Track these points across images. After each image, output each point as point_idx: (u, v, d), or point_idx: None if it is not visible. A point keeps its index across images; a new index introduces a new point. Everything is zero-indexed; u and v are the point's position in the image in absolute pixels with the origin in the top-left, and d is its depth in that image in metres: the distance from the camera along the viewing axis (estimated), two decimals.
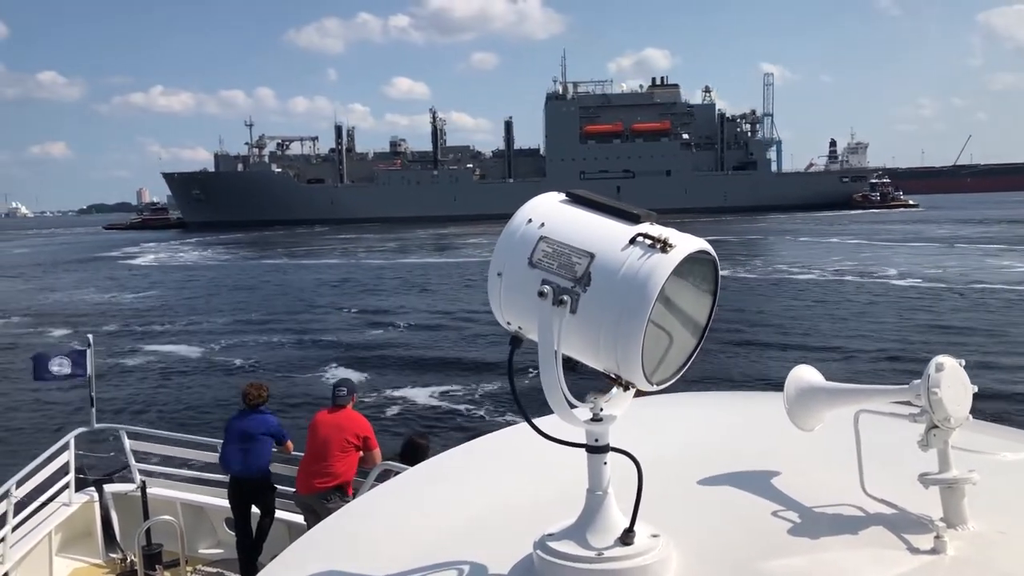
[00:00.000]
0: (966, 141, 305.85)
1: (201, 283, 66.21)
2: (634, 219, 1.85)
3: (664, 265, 1.75)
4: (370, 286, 58.61)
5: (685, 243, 1.80)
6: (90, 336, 12.26)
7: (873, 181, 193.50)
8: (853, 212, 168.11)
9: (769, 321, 37.81)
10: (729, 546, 2.04)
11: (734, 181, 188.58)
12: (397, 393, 27.13)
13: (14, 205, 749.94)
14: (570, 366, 1.88)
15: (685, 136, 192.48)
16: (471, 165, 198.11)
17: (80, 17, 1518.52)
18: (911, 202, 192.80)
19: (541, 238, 1.87)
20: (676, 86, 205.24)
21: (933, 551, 1.88)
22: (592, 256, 1.80)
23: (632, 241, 1.79)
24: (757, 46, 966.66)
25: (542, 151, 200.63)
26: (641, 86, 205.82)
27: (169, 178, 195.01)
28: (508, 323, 1.97)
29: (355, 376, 27.94)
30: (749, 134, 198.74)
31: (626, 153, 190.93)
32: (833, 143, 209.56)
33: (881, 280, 52.59)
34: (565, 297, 1.80)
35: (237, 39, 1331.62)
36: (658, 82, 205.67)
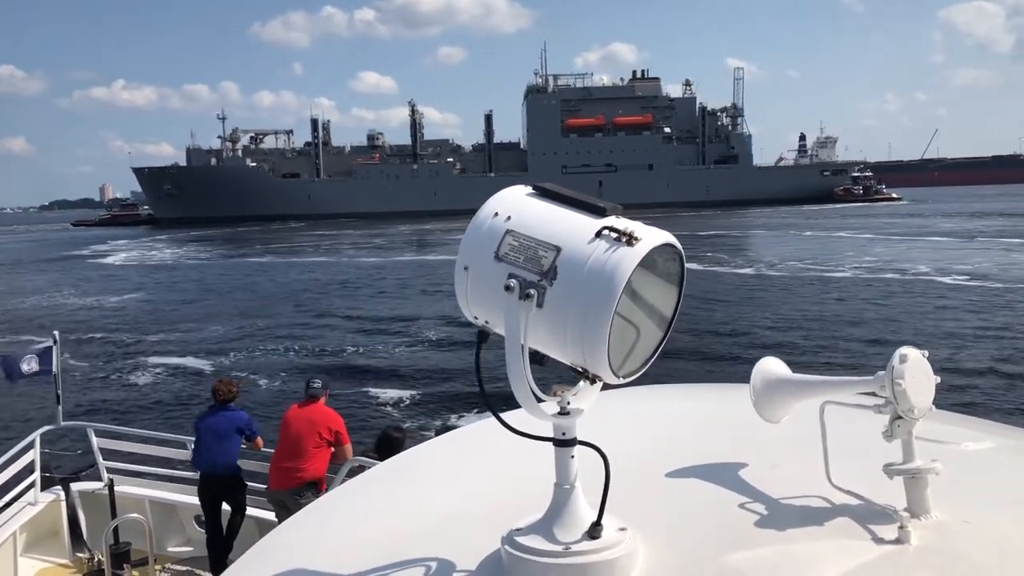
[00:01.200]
0: (933, 135, 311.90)
1: (183, 284, 63.50)
2: (600, 212, 1.86)
3: (630, 258, 1.76)
4: (358, 285, 57.91)
5: (651, 236, 1.81)
6: (56, 333, 12.22)
7: (855, 175, 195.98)
8: (837, 206, 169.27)
9: (839, 332, 33.76)
10: (696, 538, 2.06)
11: (716, 175, 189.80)
12: (372, 389, 27.34)
13: None
14: (537, 360, 1.89)
15: (667, 130, 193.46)
16: (451, 159, 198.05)
17: (39, 10, 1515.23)
18: (894, 195, 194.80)
19: (508, 231, 1.88)
20: (657, 79, 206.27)
21: (897, 541, 1.91)
22: (558, 249, 1.81)
23: (598, 234, 1.80)
24: (723, 41, 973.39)
25: (522, 145, 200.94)
26: (622, 79, 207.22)
27: (139, 172, 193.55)
28: (475, 317, 1.98)
29: (331, 376, 28.04)
30: (730, 128, 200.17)
31: (608, 147, 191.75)
32: (803, 137, 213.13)
33: (925, 278, 49.74)
34: (532, 291, 1.81)
35: (201, 33, 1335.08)
36: (638, 75, 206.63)
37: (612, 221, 1.83)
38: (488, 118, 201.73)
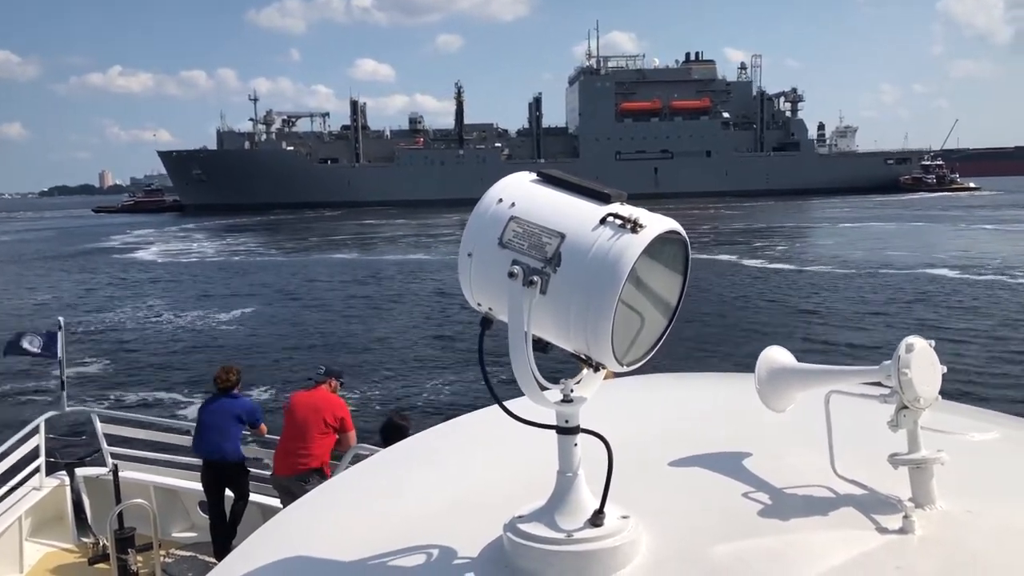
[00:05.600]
0: (953, 125, 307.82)
1: (265, 295, 51.06)
2: (604, 199, 1.91)
3: (634, 245, 1.81)
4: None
5: (655, 223, 1.87)
6: (61, 319, 12.81)
7: (925, 163, 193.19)
8: (914, 196, 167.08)
9: None
10: (699, 527, 2.12)
11: (776, 163, 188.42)
12: (378, 377, 28.34)
13: None
14: (541, 347, 1.96)
15: (725, 115, 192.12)
16: (499, 144, 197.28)
17: None
18: (971, 184, 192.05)
19: (511, 218, 1.94)
20: (712, 62, 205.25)
21: (901, 531, 1.98)
22: (562, 236, 1.87)
23: (602, 221, 1.86)
24: (722, 30, 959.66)
25: (571, 129, 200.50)
26: (677, 61, 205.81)
27: (166, 156, 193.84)
28: (478, 304, 2.04)
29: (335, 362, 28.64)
30: (788, 114, 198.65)
31: (664, 132, 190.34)
32: (821, 127, 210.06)
33: None
34: (535, 278, 1.87)
35: (197, 18, 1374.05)
36: (692, 57, 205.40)
37: (616, 208, 1.88)
38: (537, 101, 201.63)
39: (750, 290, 45.56)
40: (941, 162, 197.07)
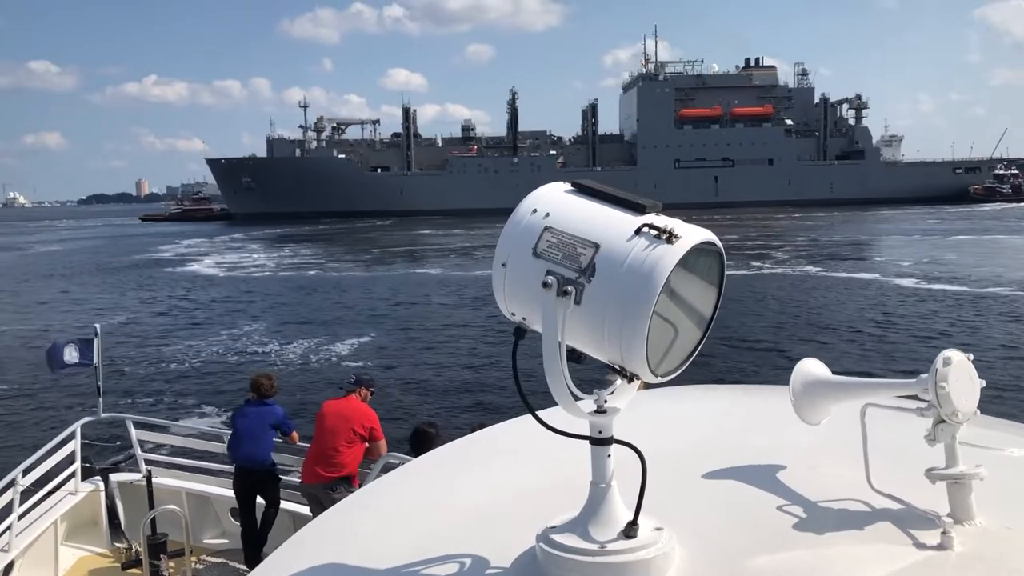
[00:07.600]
0: (1003, 134, 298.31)
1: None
2: (639, 209, 1.95)
3: (669, 256, 1.84)
4: None
5: (691, 234, 1.90)
6: (97, 326, 13.29)
7: (999, 172, 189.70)
8: (994, 206, 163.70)
9: None
10: (733, 540, 2.16)
11: (841, 172, 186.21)
12: (407, 385, 28.73)
13: (12, 195, 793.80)
14: (575, 357, 2.00)
15: (788, 122, 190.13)
16: (554, 152, 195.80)
17: (72, 5, 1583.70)
18: None
19: (546, 228, 1.97)
20: (773, 68, 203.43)
21: (940, 547, 1.99)
22: (597, 247, 1.90)
23: (637, 232, 1.89)
24: (756, 38, 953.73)
25: (626, 137, 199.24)
26: (737, 67, 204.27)
27: (214, 164, 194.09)
28: (512, 314, 2.08)
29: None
30: (852, 121, 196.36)
31: (725, 140, 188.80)
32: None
33: None
34: (569, 288, 1.90)
35: (231, 29, 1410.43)
36: (752, 63, 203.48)
37: (651, 218, 1.92)
38: (593, 108, 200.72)
39: (942, 320, 40.72)
40: (1016, 171, 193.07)
